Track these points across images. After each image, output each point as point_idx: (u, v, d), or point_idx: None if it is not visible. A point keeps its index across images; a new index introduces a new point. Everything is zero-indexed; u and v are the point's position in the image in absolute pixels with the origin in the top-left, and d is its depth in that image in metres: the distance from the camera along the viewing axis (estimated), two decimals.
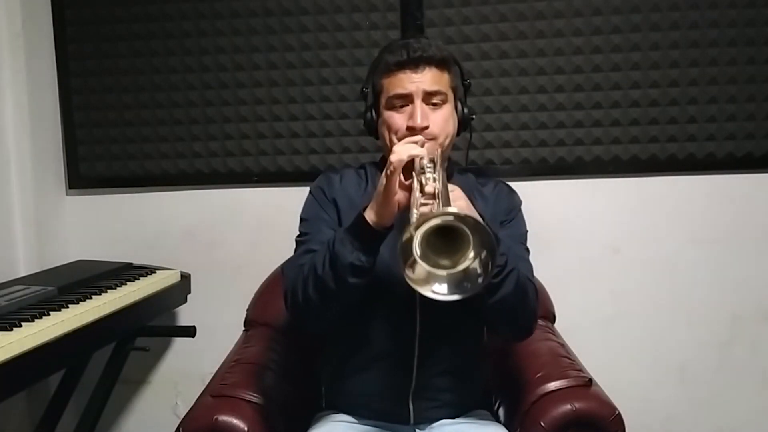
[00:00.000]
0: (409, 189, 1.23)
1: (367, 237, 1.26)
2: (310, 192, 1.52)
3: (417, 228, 1.09)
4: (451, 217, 1.09)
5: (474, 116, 1.52)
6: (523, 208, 1.55)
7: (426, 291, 1.12)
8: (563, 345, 1.69)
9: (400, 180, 1.23)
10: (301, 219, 1.49)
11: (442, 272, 1.13)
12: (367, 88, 1.50)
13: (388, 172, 1.23)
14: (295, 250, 1.46)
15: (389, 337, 1.43)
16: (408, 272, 1.11)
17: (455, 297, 1.12)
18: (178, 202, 2.17)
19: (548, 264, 1.90)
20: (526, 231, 1.53)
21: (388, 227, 1.27)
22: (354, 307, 1.37)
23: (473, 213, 1.27)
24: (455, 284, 1.12)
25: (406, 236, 1.08)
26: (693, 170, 2.04)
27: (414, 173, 1.24)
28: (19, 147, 1.99)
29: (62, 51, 2.12)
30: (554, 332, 1.80)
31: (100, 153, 2.15)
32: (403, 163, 1.22)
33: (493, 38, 2.02)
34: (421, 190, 1.20)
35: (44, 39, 2.09)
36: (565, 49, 2.01)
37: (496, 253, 1.10)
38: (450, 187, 1.25)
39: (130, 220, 2.18)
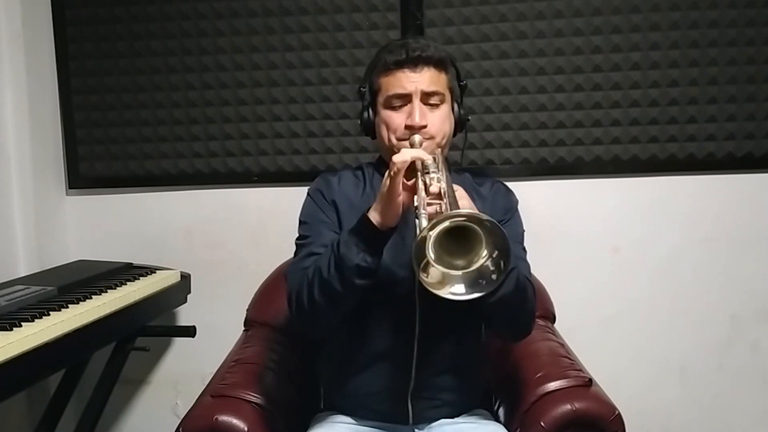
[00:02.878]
0: (412, 189, 1.23)
1: (372, 238, 1.26)
2: (309, 194, 1.52)
3: (430, 229, 1.08)
4: (463, 218, 1.08)
5: (470, 117, 1.54)
6: (522, 207, 1.55)
7: (444, 293, 1.12)
8: (563, 345, 1.69)
9: (403, 181, 1.23)
10: (300, 222, 1.49)
11: (457, 272, 1.12)
12: (364, 87, 1.50)
13: (392, 173, 1.23)
14: (296, 253, 1.46)
15: (389, 337, 1.43)
16: (423, 276, 1.11)
17: (473, 296, 1.12)
18: (178, 202, 2.17)
19: (548, 264, 1.91)
20: (523, 231, 1.53)
21: (392, 227, 1.27)
22: (353, 308, 1.37)
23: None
24: (471, 283, 1.12)
25: (419, 239, 1.08)
26: (693, 170, 2.04)
27: (418, 174, 1.24)
28: (19, 147, 1.99)
29: (62, 51, 2.12)
30: (554, 332, 1.79)
31: (100, 153, 2.15)
32: (406, 164, 1.22)
33: (493, 38, 2.02)
34: (426, 191, 1.20)
35: (44, 39, 2.09)
36: (565, 49, 2.01)
37: (509, 251, 1.10)
38: (454, 186, 1.25)
39: (130, 220, 2.18)
